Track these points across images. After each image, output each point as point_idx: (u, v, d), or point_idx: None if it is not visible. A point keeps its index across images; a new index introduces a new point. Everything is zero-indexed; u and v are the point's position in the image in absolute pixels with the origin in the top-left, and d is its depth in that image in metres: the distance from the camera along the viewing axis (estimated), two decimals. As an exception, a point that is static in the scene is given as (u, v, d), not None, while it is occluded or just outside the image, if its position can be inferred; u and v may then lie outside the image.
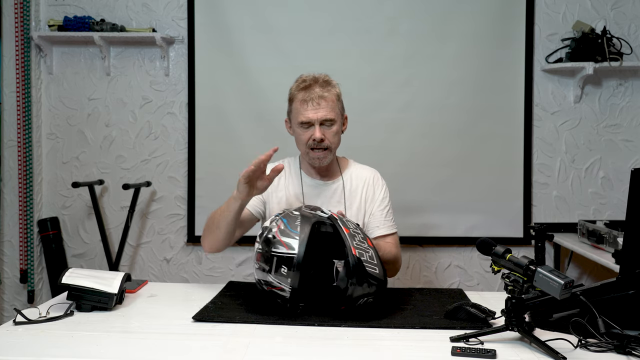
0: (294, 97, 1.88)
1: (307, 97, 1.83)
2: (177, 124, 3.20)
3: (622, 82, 3.13)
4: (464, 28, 3.06)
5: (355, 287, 1.43)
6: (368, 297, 1.45)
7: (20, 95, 3.11)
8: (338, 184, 1.96)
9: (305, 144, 1.87)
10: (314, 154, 1.87)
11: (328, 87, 1.86)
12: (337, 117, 1.87)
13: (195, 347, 1.28)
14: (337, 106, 1.88)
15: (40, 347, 1.26)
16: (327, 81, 1.88)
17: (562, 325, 1.30)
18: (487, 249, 1.34)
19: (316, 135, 1.82)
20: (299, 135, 1.89)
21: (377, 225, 1.93)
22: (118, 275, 1.59)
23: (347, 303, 1.44)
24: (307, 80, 1.87)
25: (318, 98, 1.83)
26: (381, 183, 2.01)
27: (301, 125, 1.86)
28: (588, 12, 3.09)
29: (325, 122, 1.84)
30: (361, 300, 1.44)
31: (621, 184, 3.12)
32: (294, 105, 1.88)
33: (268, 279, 1.48)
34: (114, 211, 3.23)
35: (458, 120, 3.09)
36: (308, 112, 1.83)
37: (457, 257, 3.17)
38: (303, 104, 1.84)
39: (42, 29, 3.18)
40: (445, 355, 1.21)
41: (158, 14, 3.17)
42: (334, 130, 1.87)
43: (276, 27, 3.10)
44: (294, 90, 1.89)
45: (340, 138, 1.93)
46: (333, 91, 1.87)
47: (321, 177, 1.97)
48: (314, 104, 1.83)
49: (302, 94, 1.85)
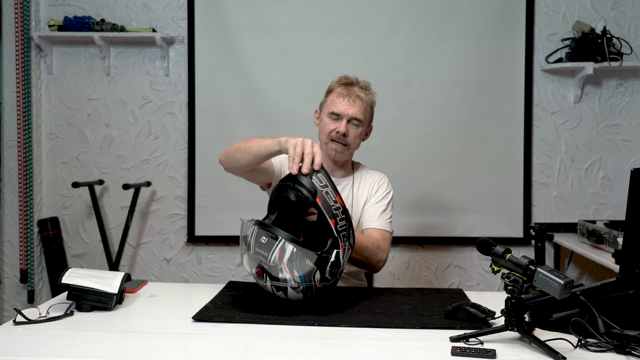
0: (333, 89, 1.96)
1: (345, 92, 1.92)
2: (177, 124, 3.20)
3: (622, 82, 3.13)
4: (464, 28, 3.07)
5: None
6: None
7: (20, 95, 3.11)
8: (348, 182, 2.01)
9: (328, 134, 1.93)
10: (333, 145, 1.92)
11: (366, 92, 1.95)
12: (365, 121, 1.95)
13: (195, 347, 1.28)
14: (368, 112, 1.97)
15: (40, 347, 1.26)
16: (367, 86, 1.98)
17: (562, 325, 1.30)
18: (487, 249, 1.34)
19: (341, 129, 1.89)
20: (325, 125, 1.94)
21: (369, 219, 1.95)
22: (118, 275, 1.58)
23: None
24: (350, 78, 1.97)
25: (355, 96, 1.91)
26: (386, 186, 2.04)
27: (331, 115, 1.92)
28: (588, 12, 3.09)
29: (353, 120, 1.92)
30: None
31: (621, 184, 3.12)
32: (330, 97, 1.96)
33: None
34: (114, 211, 3.23)
35: (458, 120, 3.09)
36: (341, 105, 1.91)
37: (457, 257, 3.17)
38: (340, 96, 1.92)
39: (42, 29, 3.18)
40: (445, 355, 1.21)
41: (158, 14, 3.18)
42: (358, 132, 1.94)
43: (276, 27, 3.10)
44: (334, 83, 1.98)
45: (360, 143, 2.00)
46: (370, 97, 1.96)
47: (334, 172, 2.00)
48: (350, 100, 1.91)
49: (341, 88, 1.94)
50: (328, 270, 1.46)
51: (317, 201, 1.47)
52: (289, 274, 1.44)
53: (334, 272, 1.48)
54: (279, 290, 1.47)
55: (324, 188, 1.50)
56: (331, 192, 1.50)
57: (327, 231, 1.48)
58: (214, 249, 3.22)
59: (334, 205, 1.49)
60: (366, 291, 1.90)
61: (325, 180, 1.51)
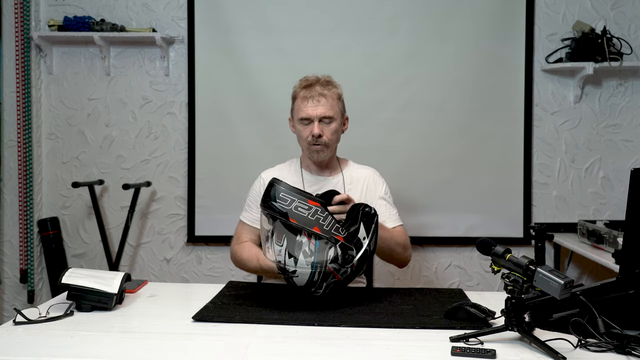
0: (297, 95, 1.98)
1: (308, 95, 1.93)
2: (177, 124, 3.20)
3: (622, 82, 3.13)
4: (464, 28, 3.06)
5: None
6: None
7: (20, 95, 3.11)
8: (338, 179, 2.03)
9: (305, 139, 1.96)
10: (313, 148, 1.95)
11: (329, 87, 1.96)
12: (336, 116, 1.95)
13: (195, 347, 1.28)
14: (337, 105, 1.97)
15: (40, 347, 1.27)
16: (328, 81, 1.98)
17: (562, 325, 1.30)
18: (487, 249, 1.34)
19: (314, 131, 1.91)
20: (299, 132, 1.97)
21: (383, 219, 1.95)
22: (118, 275, 1.59)
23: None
24: (310, 79, 1.98)
25: (318, 95, 1.92)
26: (381, 180, 2.09)
27: (301, 121, 1.95)
28: (588, 12, 3.09)
29: (324, 119, 1.93)
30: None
31: (621, 184, 3.12)
32: (296, 103, 1.99)
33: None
34: (114, 211, 3.23)
35: (458, 120, 3.09)
36: (308, 109, 1.92)
37: (457, 257, 3.17)
38: (304, 100, 1.94)
39: (42, 29, 3.18)
40: (445, 355, 1.21)
41: (158, 14, 3.17)
42: (332, 128, 1.95)
43: (276, 27, 3.10)
44: (296, 89, 2.00)
45: (339, 137, 2.01)
46: (334, 90, 1.96)
47: (321, 173, 2.04)
48: (314, 101, 1.92)
49: (303, 91, 1.95)
50: (342, 262, 1.54)
51: (292, 221, 1.49)
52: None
53: (347, 259, 1.55)
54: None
55: (292, 204, 1.49)
56: (301, 203, 1.50)
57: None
58: (214, 249, 3.22)
59: (310, 211, 1.49)
60: (366, 291, 1.90)
61: (288, 197, 1.50)
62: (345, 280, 1.59)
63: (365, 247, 1.59)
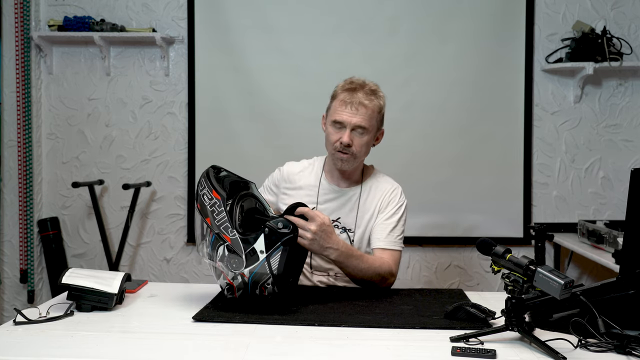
0: (337, 96, 1.86)
1: (348, 100, 1.82)
2: (177, 124, 3.20)
3: (622, 82, 3.13)
4: (464, 28, 3.06)
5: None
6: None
7: (20, 95, 3.11)
8: (355, 192, 1.93)
9: (332, 144, 1.85)
10: (338, 155, 1.84)
11: (372, 97, 1.84)
12: (371, 128, 1.85)
13: (195, 347, 1.28)
14: (375, 118, 1.86)
15: (40, 347, 1.26)
16: (373, 90, 1.86)
17: (562, 325, 1.30)
18: (487, 249, 1.34)
19: (344, 139, 1.81)
20: (329, 134, 1.86)
21: (377, 237, 1.88)
22: (118, 275, 1.58)
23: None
24: (355, 83, 1.86)
25: (358, 104, 1.81)
26: (398, 199, 1.94)
27: (334, 124, 1.84)
28: (588, 12, 3.09)
29: (357, 129, 1.82)
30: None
31: (621, 184, 3.12)
32: (333, 103, 1.87)
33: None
34: (114, 211, 3.23)
35: (458, 120, 3.09)
36: (344, 114, 1.82)
37: (457, 257, 3.17)
38: (342, 104, 1.82)
39: (42, 29, 3.18)
40: (445, 355, 1.21)
41: (158, 14, 3.17)
42: (364, 140, 1.84)
43: (276, 27, 3.10)
44: (338, 89, 1.88)
45: (369, 149, 1.91)
46: (376, 102, 1.85)
47: (341, 182, 1.94)
48: (353, 108, 1.81)
49: (344, 94, 1.84)
50: (228, 264, 1.48)
51: (197, 206, 1.54)
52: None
53: (234, 265, 1.47)
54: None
55: (202, 190, 1.54)
56: (207, 191, 1.53)
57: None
58: (214, 249, 3.21)
59: (210, 202, 1.51)
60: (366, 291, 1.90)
61: (205, 183, 1.55)
62: (244, 292, 1.50)
63: (261, 262, 1.46)
